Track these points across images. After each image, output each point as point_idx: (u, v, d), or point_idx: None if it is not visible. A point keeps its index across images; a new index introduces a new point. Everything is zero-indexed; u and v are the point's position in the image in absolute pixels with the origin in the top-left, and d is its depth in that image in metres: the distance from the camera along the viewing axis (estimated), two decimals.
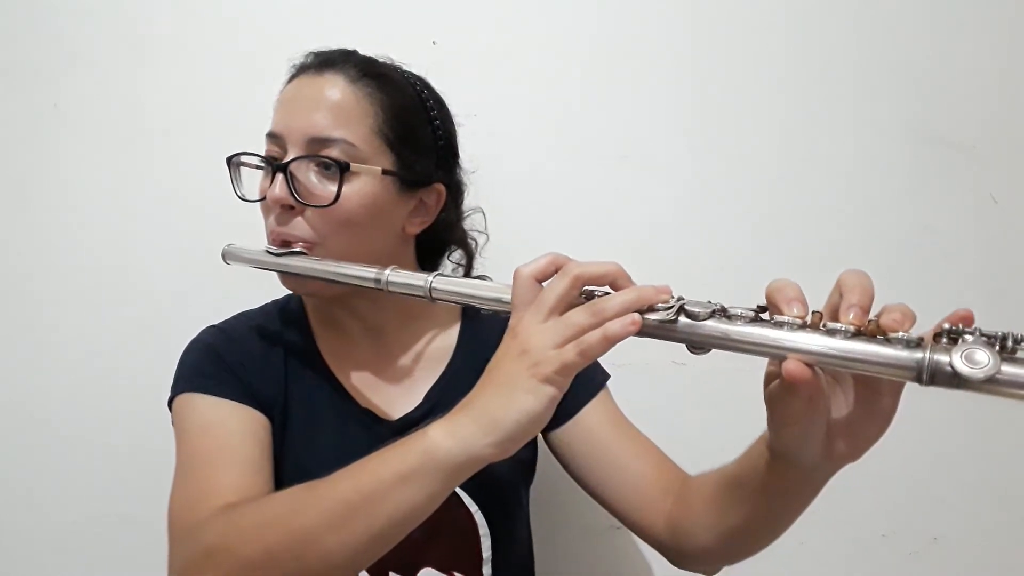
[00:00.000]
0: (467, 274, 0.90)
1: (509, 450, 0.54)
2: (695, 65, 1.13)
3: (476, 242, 0.93)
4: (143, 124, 1.11)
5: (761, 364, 0.55)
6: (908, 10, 1.14)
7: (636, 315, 0.52)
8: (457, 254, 0.92)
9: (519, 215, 1.01)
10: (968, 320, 0.46)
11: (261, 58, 1.09)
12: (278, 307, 0.86)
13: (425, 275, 0.65)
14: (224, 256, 0.79)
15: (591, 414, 0.82)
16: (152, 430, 1.09)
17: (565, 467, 0.85)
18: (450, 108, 0.84)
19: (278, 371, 0.79)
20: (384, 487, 0.55)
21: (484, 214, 0.94)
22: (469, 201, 0.90)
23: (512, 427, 0.53)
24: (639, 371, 1.05)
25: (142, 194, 1.11)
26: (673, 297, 0.53)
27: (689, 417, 1.11)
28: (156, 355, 1.09)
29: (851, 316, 0.48)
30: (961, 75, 1.14)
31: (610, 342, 0.52)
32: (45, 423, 1.12)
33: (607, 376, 0.87)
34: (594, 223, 1.13)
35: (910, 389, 0.51)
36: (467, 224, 0.92)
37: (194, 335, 0.81)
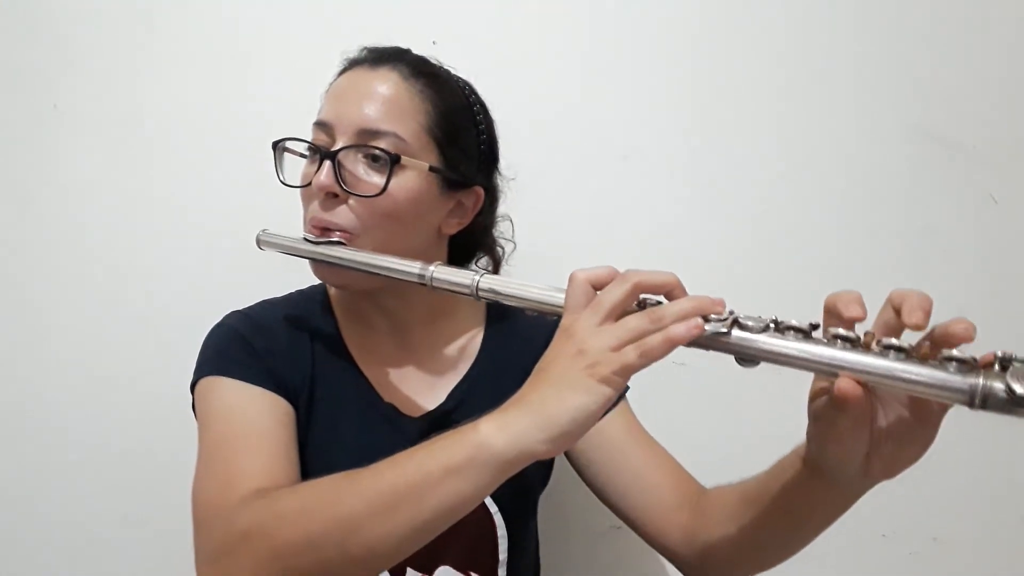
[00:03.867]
0: None
1: (561, 448, 0.54)
2: (695, 65, 1.13)
3: (503, 249, 0.93)
4: (143, 124, 1.11)
5: (761, 366, 0.55)
6: (908, 10, 1.13)
7: (699, 319, 0.52)
8: (483, 260, 0.92)
9: (518, 215, 1.01)
10: (967, 332, 0.47)
11: (261, 58, 1.10)
12: (304, 296, 0.86)
13: (471, 273, 0.64)
14: (259, 242, 0.78)
15: (611, 424, 0.82)
16: (152, 430, 1.10)
17: (581, 475, 0.85)
18: (492, 116, 0.84)
19: (305, 359, 0.79)
20: (433, 478, 0.54)
21: (512, 222, 0.94)
22: None
23: (567, 424, 0.53)
24: (640, 371, 1.05)
25: (142, 194, 1.11)
26: (726, 310, 0.54)
27: (689, 417, 1.11)
28: (156, 355, 1.10)
29: (914, 319, 0.48)
30: (961, 75, 1.14)
31: (672, 344, 0.52)
32: (44, 423, 1.12)
33: (627, 387, 0.87)
34: (594, 223, 1.13)
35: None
36: (496, 231, 0.92)
37: (196, 336, 0.80)
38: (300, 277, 0.81)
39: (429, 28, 1.10)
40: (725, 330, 0.52)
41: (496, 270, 0.92)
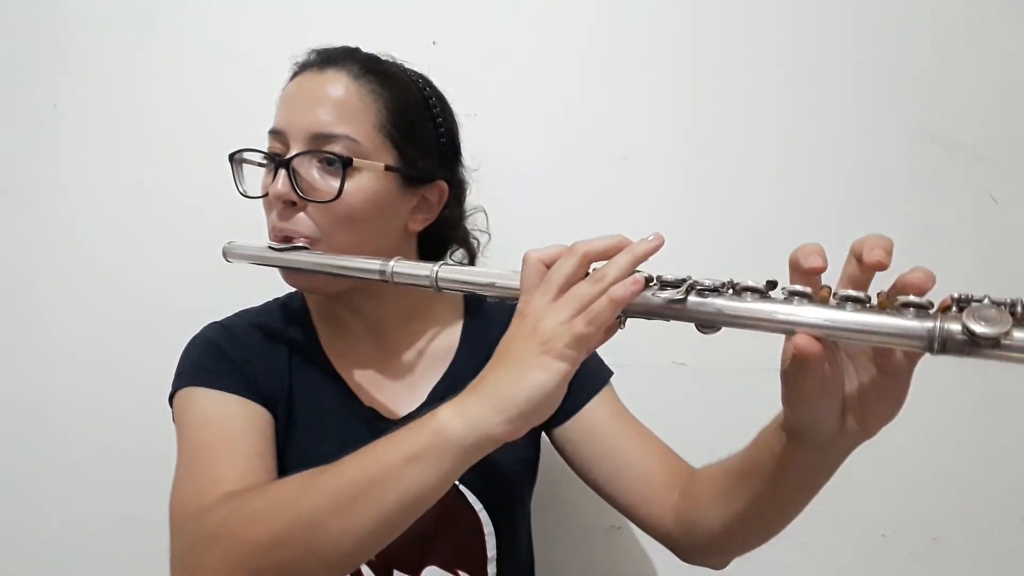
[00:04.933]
0: None
1: (521, 429, 0.54)
2: (695, 65, 1.13)
3: (478, 241, 0.93)
4: (143, 124, 1.11)
5: (760, 365, 0.55)
6: (908, 10, 1.13)
7: (638, 275, 0.53)
8: (459, 253, 0.92)
9: (518, 215, 1.01)
10: (924, 281, 0.47)
11: (261, 58, 1.10)
12: (280, 305, 0.86)
13: (430, 264, 0.64)
14: (225, 254, 0.79)
15: (594, 410, 0.82)
16: (152, 430, 1.09)
17: (569, 463, 0.85)
18: (451, 107, 0.84)
19: (282, 367, 0.79)
20: (393, 469, 0.54)
21: (486, 213, 0.94)
22: (470, 200, 0.90)
23: (524, 404, 0.53)
24: (639, 371, 1.05)
25: (142, 194, 1.11)
26: (662, 240, 0.54)
27: (689, 417, 1.11)
28: (156, 355, 1.09)
29: (875, 256, 0.48)
30: (961, 75, 1.14)
31: (617, 304, 0.52)
32: (44, 423, 1.12)
33: (610, 372, 0.87)
34: (594, 223, 1.12)
35: (916, 386, 0.51)
36: (469, 223, 0.92)
37: (194, 334, 0.81)
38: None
39: (429, 28, 1.10)
40: (681, 296, 0.52)
41: (472, 262, 0.92)
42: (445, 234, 0.87)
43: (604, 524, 1.13)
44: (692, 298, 0.52)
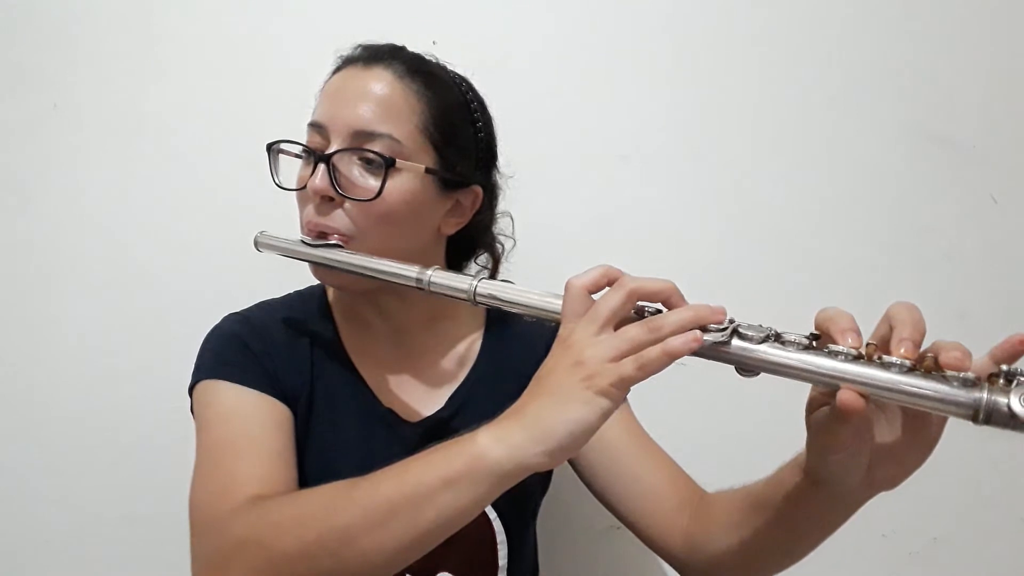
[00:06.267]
0: (492, 278, 0.90)
1: (558, 461, 0.54)
2: (695, 65, 1.13)
3: (503, 246, 0.92)
4: (143, 124, 1.11)
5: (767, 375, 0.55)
6: (908, 10, 1.13)
7: (697, 332, 0.52)
8: (483, 258, 0.91)
9: (517, 214, 1.01)
10: (961, 362, 0.47)
11: (261, 58, 1.10)
12: (302, 298, 0.85)
13: (469, 278, 0.64)
14: (256, 244, 0.78)
15: (611, 427, 0.81)
16: (155, 429, 1.10)
17: (581, 477, 0.84)
18: (490, 112, 0.84)
19: (304, 362, 0.78)
20: (429, 490, 0.54)
21: (512, 219, 0.93)
22: None
23: (564, 437, 0.53)
24: (638, 383, 1.05)
25: (142, 193, 1.11)
26: (726, 318, 0.53)
27: (689, 417, 1.11)
28: (156, 355, 1.10)
29: (903, 350, 0.48)
30: (961, 75, 1.14)
31: (671, 358, 0.52)
32: (46, 423, 1.12)
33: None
34: (594, 222, 1.13)
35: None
36: (495, 228, 0.91)
37: (197, 335, 0.80)
38: (302, 277, 0.81)
39: (429, 28, 1.10)
40: (725, 339, 0.52)
41: (495, 267, 0.91)
42: (474, 238, 0.87)
43: (604, 524, 1.12)
44: (736, 342, 0.52)
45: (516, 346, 0.85)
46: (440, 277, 0.66)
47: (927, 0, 1.14)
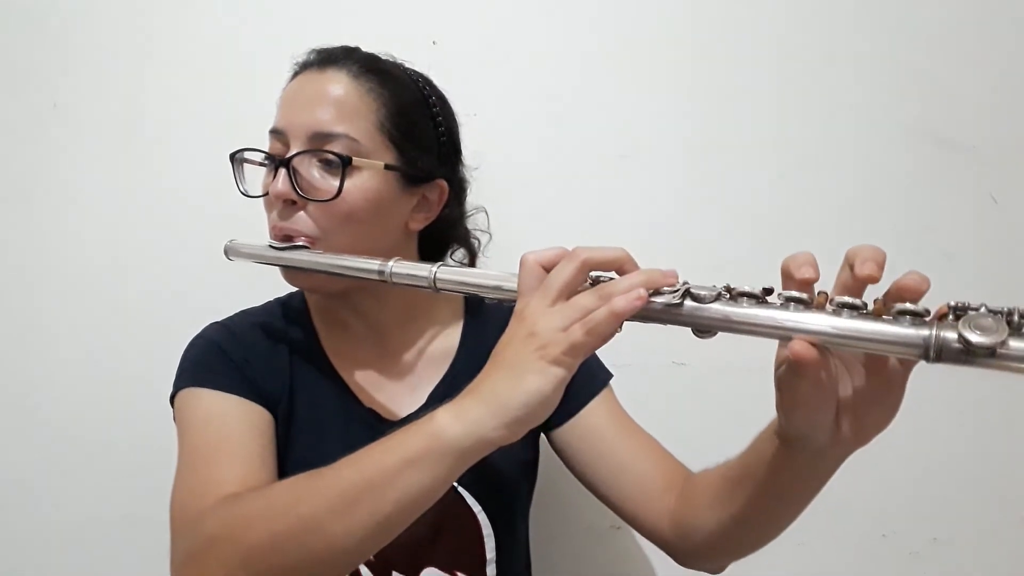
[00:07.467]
0: None
1: (518, 433, 0.54)
2: (695, 64, 1.13)
3: (479, 241, 0.93)
4: (143, 124, 1.11)
5: (762, 365, 0.55)
6: (908, 10, 1.14)
7: (641, 290, 0.52)
8: (460, 253, 0.92)
9: (518, 214, 1.01)
10: (919, 284, 0.47)
11: (261, 58, 1.10)
12: (280, 304, 0.86)
13: (429, 265, 0.64)
14: (226, 252, 0.79)
15: (593, 413, 0.82)
16: (153, 429, 1.10)
17: (568, 465, 0.85)
18: (451, 106, 0.84)
19: (283, 368, 0.79)
20: (390, 472, 0.54)
21: (487, 213, 0.94)
22: (470, 200, 0.90)
23: (521, 409, 0.53)
24: (639, 372, 1.05)
25: (142, 193, 1.11)
26: (679, 281, 0.53)
27: (689, 418, 1.11)
28: (156, 355, 1.09)
29: (866, 269, 0.48)
30: (961, 75, 1.14)
31: (618, 318, 0.52)
32: (45, 423, 1.12)
33: (609, 375, 0.87)
34: (593, 222, 1.13)
35: (916, 386, 0.51)
36: (470, 223, 0.92)
37: (195, 333, 0.81)
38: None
39: (429, 28, 1.10)
40: (677, 301, 0.51)
41: (472, 262, 0.92)
42: (446, 233, 0.87)
43: (604, 524, 1.13)
44: (688, 303, 0.52)
45: (495, 334, 0.85)
46: (401, 267, 0.66)
47: (928, 1, 1.14)
